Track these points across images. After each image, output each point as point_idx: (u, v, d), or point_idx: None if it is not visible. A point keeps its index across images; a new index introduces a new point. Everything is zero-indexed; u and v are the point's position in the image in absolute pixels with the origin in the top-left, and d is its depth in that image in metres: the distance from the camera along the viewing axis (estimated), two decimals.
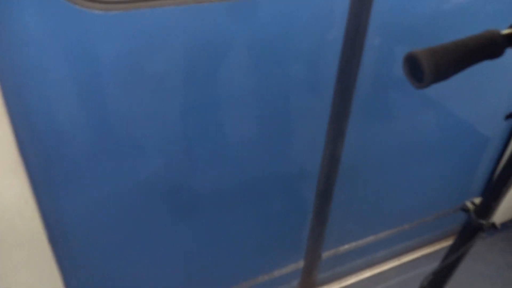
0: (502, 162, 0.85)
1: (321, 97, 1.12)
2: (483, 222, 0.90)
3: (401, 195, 1.54)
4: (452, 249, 1.01)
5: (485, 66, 1.34)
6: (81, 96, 0.84)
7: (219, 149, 1.08)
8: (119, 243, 1.10)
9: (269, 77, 1.02)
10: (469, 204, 0.93)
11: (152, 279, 1.23)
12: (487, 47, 0.63)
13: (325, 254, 1.52)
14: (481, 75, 1.35)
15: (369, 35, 1.03)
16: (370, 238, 1.59)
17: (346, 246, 1.56)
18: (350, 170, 1.31)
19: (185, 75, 0.92)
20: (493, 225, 0.92)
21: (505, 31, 0.63)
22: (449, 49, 0.60)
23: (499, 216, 1.77)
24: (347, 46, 1.03)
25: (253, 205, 1.25)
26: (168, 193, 1.09)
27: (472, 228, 0.93)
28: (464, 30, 0.64)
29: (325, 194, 1.33)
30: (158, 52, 0.87)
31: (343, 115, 1.16)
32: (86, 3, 0.73)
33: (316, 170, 1.27)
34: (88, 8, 0.73)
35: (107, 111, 0.89)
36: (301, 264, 1.49)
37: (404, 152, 1.41)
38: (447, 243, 1.79)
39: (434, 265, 1.07)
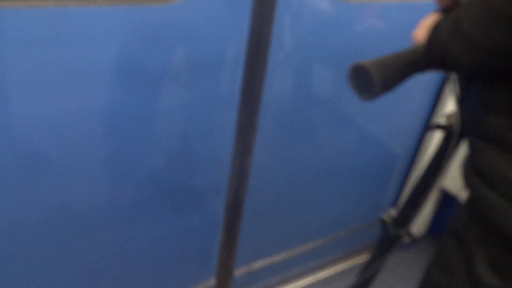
0: (418, 173, 0.89)
1: (226, 110, 1.12)
2: (402, 232, 0.92)
3: (314, 210, 1.57)
4: (370, 262, 1.02)
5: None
6: None
7: (125, 162, 1.04)
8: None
9: (173, 89, 1.01)
10: (385, 217, 0.95)
11: None
12: (421, 60, 0.63)
13: (238, 271, 1.49)
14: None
15: (272, 48, 1.05)
16: (284, 254, 1.60)
17: (260, 262, 1.55)
18: (260, 184, 1.31)
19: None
20: (409, 234, 0.95)
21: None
22: (392, 61, 0.61)
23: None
24: (250, 60, 1.04)
25: (161, 219, 1.21)
26: (74, 209, 1.03)
27: (389, 239, 0.95)
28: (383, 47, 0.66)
29: (235, 208, 1.31)
30: None
31: (249, 128, 1.16)
32: None
33: (225, 183, 1.25)
34: None
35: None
36: (212, 281, 1.45)
37: (316, 167, 1.45)
38: (360, 259, 1.85)
39: (347, 281, 1.08)
